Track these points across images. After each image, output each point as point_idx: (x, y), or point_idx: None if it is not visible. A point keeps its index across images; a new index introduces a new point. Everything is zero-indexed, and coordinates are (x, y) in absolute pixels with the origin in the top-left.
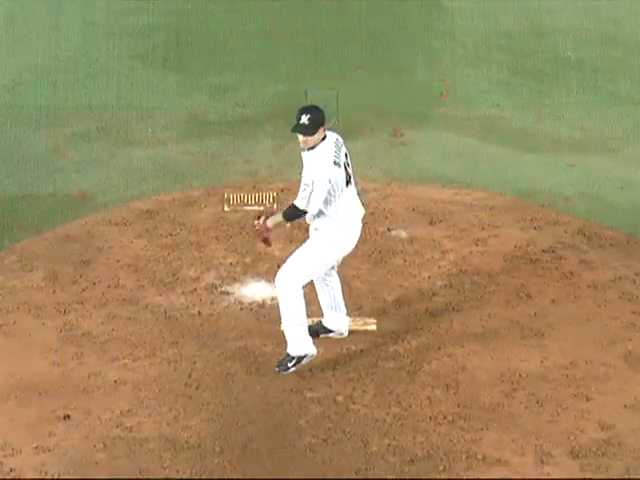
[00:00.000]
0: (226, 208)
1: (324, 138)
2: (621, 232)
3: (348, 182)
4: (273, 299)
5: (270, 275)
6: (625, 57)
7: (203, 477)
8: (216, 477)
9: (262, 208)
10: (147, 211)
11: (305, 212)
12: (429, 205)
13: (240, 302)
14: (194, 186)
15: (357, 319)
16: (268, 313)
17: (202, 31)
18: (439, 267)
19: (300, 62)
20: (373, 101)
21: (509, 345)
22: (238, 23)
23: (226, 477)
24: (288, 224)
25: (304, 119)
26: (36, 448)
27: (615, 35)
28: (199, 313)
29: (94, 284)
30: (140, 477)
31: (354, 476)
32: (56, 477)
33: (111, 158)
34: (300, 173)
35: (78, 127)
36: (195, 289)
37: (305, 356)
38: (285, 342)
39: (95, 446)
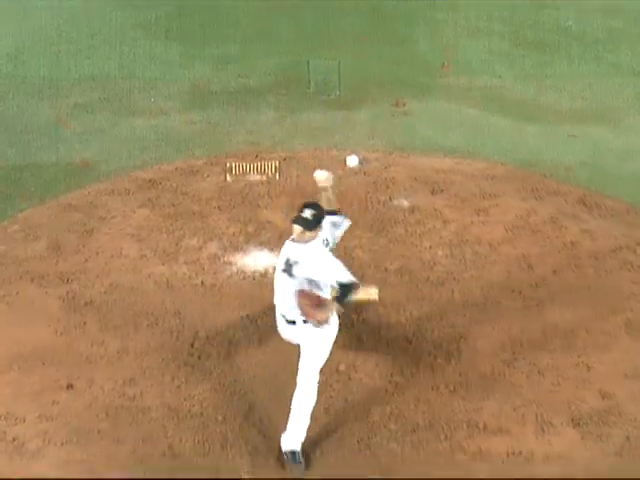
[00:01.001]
0: (228, 178)
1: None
2: (622, 202)
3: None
4: (275, 268)
5: (272, 244)
6: (626, 28)
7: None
8: (218, 445)
9: (264, 177)
10: (149, 180)
11: (354, 282)
12: (431, 175)
13: (243, 271)
14: (196, 155)
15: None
16: (271, 282)
17: (205, 2)
18: (440, 237)
19: (302, 33)
20: (375, 72)
21: (510, 315)
22: None
23: (228, 446)
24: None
25: (307, 213)
26: (39, 417)
27: (616, 6)
28: (202, 283)
29: (97, 254)
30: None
31: (355, 444)
32: (59, 445)
33: (114, 128)
34: (301, 144)
35: (81, 97)
36: (198, 259)
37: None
38: None
39: (98, 415)
